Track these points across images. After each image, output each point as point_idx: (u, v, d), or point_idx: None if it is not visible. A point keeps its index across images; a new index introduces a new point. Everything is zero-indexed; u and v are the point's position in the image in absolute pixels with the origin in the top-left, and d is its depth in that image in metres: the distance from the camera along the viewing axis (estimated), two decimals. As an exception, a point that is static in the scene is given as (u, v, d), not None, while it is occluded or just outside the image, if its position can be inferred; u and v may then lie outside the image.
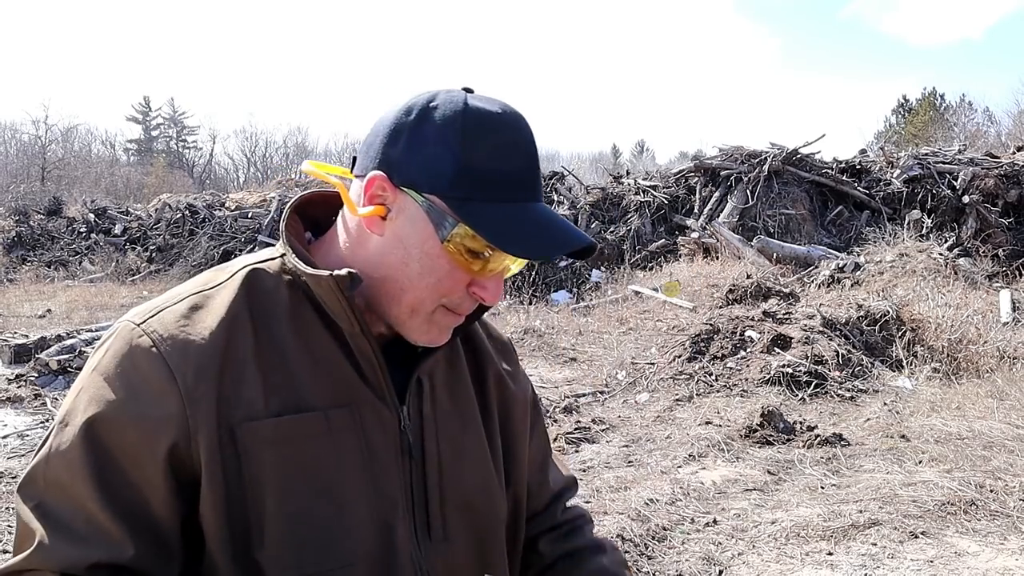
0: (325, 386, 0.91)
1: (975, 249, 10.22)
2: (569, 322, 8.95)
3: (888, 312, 6.80)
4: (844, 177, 12.53)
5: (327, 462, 0.89)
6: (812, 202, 12.23)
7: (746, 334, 6.61)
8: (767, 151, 12.69)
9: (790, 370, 5.96)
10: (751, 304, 7.71)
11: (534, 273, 11.38)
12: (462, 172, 0.87)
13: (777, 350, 6.35)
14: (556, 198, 14.03)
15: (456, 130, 0.87)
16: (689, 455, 4.57)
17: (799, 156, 12.58)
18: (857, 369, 6.16)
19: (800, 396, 5.73)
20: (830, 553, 3.34)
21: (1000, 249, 10.08)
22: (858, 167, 12.90)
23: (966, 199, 11.11)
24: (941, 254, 9.24)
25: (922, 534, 3.48)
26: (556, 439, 4.85)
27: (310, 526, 0.87)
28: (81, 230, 18.27)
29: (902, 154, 13.04)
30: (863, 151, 15.72)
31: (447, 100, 0.90)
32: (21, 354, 7.22)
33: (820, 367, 6.03)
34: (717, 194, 12.61)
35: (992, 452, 4.43)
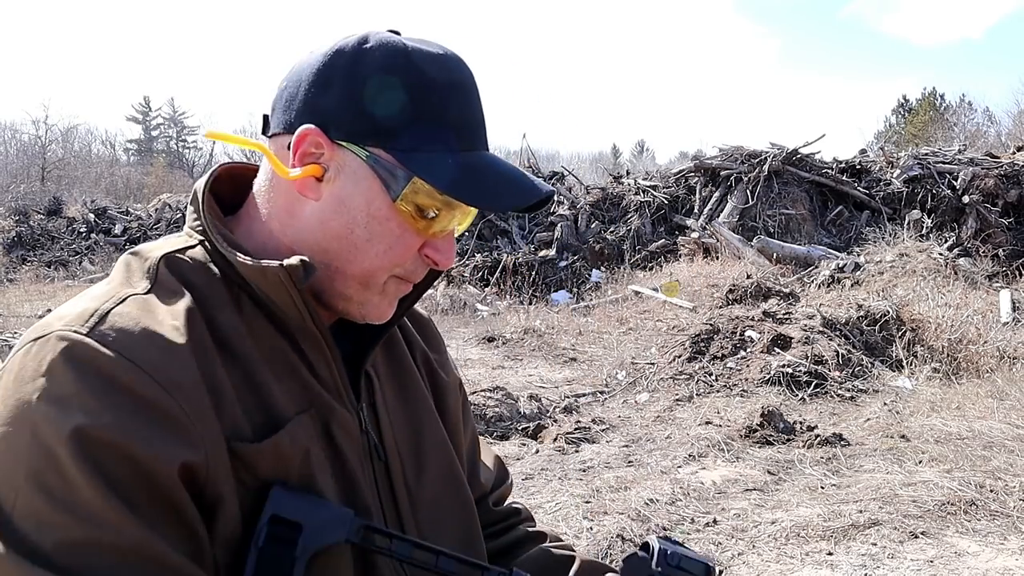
0: (287, 392, 0.79)
1: (975, 249, 10.21)
2: (569, 322, 8.95)
3: (888, 312, 6.79)
4: (844, 177, 12.52)
5: (304, 477, 0.79)
6: (812, 202, 12.23)
7: (746, 334, 6.61)
8: (767, 151, 12.68)
9: (790, 370, 5.96)
10: (751, 304, 7.71)
11: (534, 273, 11.38)
12: (409, 120, 0.76)
13: (777, 350, 6.34)
14: (556, 198, 14.02)
15: (399, 72, 0.76)
16: (689, 455, 4.57)
17: (799, 156, 12.57)
18: (857, 369, 6.16)
19: (800, 396, 5.73)
20: (830, 553, 3.33)
21: (1000, 249, 10.07)
22: (858, 167, 12.89)
23: (966, 199, 11.10)
24: (941, 254, 9.23)
25: (922, 534, 3.48)
26: (556, 439, 4.86)
27: None
28: (81, 230, 18.27)
29: (902, 154, 13.04)
30: (863, 151, 15.73)
31: (383, 41, 0.78)
32: (21, 354, 7.22)
33: (820, 367, 6.02)
34: (717, 194, 12.61)
35: (992, 452, 4.43)
